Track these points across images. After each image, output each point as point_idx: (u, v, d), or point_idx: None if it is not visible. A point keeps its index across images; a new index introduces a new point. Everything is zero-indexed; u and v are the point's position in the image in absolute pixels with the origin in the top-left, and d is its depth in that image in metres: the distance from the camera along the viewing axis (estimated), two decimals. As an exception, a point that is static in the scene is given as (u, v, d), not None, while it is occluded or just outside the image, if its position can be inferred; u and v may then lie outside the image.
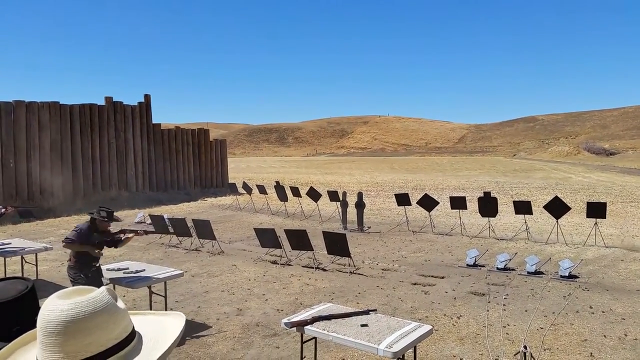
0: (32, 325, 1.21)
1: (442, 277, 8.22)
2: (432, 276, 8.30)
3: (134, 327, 1.19)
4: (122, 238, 5.82)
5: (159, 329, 1.25)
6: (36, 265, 8.37)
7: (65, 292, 1.12)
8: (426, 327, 4.09)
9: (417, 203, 13.58)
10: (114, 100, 19.68)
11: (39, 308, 1.39)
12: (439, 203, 13.59)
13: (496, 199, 13.08)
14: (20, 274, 8.16)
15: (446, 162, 58.93)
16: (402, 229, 12.93)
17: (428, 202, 13.20)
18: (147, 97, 21.10)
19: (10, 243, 8.36)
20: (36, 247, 8.22)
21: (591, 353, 5.09)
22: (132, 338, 1.16)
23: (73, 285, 5.63)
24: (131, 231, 5.97)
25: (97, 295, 1.12)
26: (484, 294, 7.22)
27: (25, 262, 8.27)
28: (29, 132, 16.68)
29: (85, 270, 5.66)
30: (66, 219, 14.94)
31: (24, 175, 16.51)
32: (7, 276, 1.43)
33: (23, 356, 1.19)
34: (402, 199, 13.83)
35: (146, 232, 6.25)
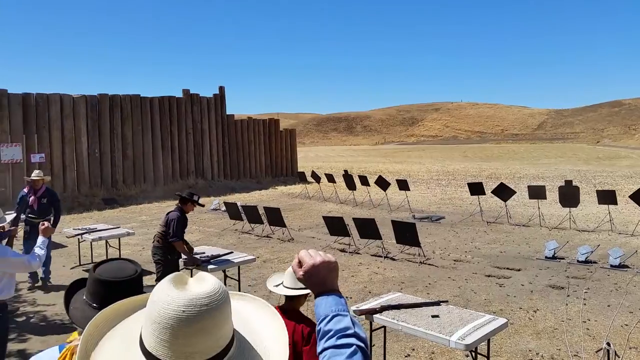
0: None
1: (518, 270, 7.90)
2: (508, 268, 8.00)
3: None
4: (184, 253, 6.04)
5: (241, 316, 1.15)
6: (119, 250, 8.91)
7: (178, 281, 1.00)
8: (501, 320, 3.95)
9: (492, 192, 13.10)
10: (191, 92, 20.48)
11: (142, 287, 1.49)
12: (515, 192, 13.04)
13: (578, 188, 12.36)
14: (105, 258, 8.75)
15: (524, 150, 56.32)
16: (475, 219, 12.54)
17: (504, 192, 12.70)
18: (221, 88, 21.76)
19: (96, 228, 8.97)
20: (119, 232, 8.75)
21: (686, 355, 4.70)
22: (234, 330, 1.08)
23: (157, 266, 5.96)
24: (190, 250, 6.19)
25: (219, 283, 1.02)
26: (562, 288, 6.87)
27: (109, 246, 8.83)
28: (112, 123, 17.74)
29: (172, 254, 5.97)
30: (147, 206, 15.78)
31: (107, 165, 17.61)
32: (108, 258, 1.53)
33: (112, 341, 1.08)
34: (476, 188, 13.40)
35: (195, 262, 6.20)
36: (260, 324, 1.16)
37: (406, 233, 8.62)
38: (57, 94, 16.53)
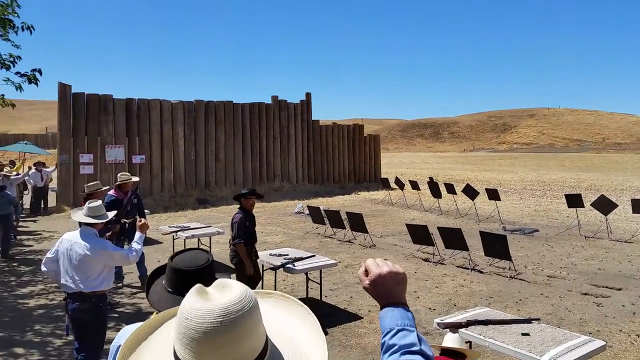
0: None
1: (619, 289, 7.28)
2: (607, 287, 7.40)
3: None
4: (243, 257, 5.99)
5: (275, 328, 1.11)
6: (210, 247, 9.35)
7: (201, 293, 1.00)
8: (598, 343, 3.66)
9: (591, 205, 12.19)
10: (279, 98, 21.09)
11: (214, 275, 1.62)
12: (617, 206, 12.04)
13: (693, 203, 11.17)
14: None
15: (627, 160, 51.93)
16: (572, 233, 11.74)
17: (604, 204, 11.77)
18: (308, 95, 22.18)
19: (189, 226, 9.49)
20: (210, 231, 9.21)
21: None
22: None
23: (236, 269, 6.13)
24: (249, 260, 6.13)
25: (243, 285, 1.02)
26: (673, 313, 6.23)
27: (201, 244, 9.29)
28: (206, 128, 18.70)
29: (249, 255, 6.15)
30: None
31: (202, 166, 18.55)
32: (183, 249, 1.68)
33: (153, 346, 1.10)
34: (574, 200, 12.54)
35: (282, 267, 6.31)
36: (289, 323, 1.14)
37: (496, 245, 8.24)
38: (157, 100, 17.70)
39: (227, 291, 1.00)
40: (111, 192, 7.56)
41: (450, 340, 3.23)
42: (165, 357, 1.02)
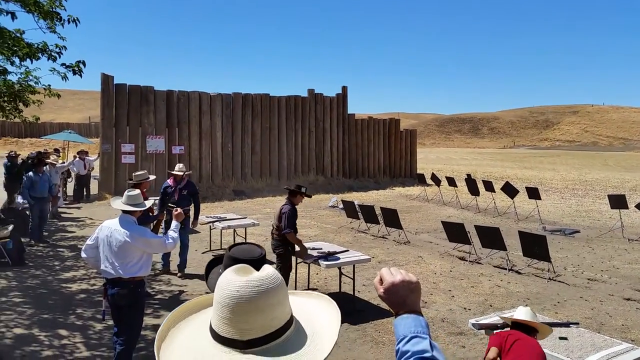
0: None
1: (666, 296, 6.99)
2: (652, 293, 7.11)
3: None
4: (297, 244, 6.25)
5: (305, 312, 1.26)
6: (245, 238, 9.47)
7: (240, 269, 1.16)
8: (642, 352, 3.52)
9: (635, 207, 11.75)
10: (315, 92, 21.09)
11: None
12: (665, 208, 11.56)
13: None
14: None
15: (677, 161, 49.63)
16: (614, 236, 11.34)
17: (651, 207, 11.32)
18: (344, 88, 22.10)
19: (225, 217, 9.64)
20: (246, 223, 9.34)
21: None
22: (292, 317, 1.19)
23: (278, 259, 6.25)
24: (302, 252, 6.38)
25: (274, 271, 1.17)
26: None
27: (237, 234, 9.42)
28: (243, 120, 18.89)
29: (292, 246, 6.25)
30: (272, 199, 16.54)
31: (238, 158, 18.77)
32: (240, 242, 1.88)
33: (191, 324, 1.25)
34: (617, 201, 12.11)
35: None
36: (321, 318, 1.25)
37: (535, 246, 8.03)
38: (196, 92, 17.99)
39: (259, 272, 1.16)
40: (169, 180, 8.02)
41: (522, 314, 3.15)
42: (203, 327, 1.20)
